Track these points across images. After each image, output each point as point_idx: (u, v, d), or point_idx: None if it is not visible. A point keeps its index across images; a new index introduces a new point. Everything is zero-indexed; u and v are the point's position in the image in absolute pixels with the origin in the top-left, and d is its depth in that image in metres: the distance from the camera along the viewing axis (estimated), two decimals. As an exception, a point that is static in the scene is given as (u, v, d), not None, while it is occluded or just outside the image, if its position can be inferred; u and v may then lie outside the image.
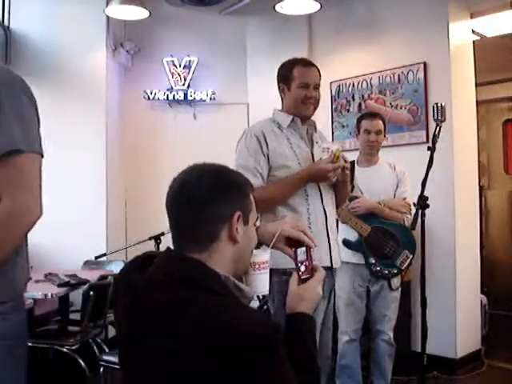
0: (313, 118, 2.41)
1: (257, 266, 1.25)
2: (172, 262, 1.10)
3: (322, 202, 2.28)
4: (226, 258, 1.12)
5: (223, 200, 1.11)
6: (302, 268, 1.28)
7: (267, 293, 1.30)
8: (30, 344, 3.20)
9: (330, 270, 2.20)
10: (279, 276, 2.00)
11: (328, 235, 2.25)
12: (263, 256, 1.27)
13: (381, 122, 3.15)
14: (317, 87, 2.33)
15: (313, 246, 1.33)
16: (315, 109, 2.35)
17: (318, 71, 2.36)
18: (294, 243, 1.34)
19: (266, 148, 2.22)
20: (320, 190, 2.28)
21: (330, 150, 2.22)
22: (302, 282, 1.27)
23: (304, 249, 1.30)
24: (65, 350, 3.21)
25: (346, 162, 2.24)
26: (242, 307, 1.06)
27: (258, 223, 1.31)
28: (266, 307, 2.30)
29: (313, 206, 2.24)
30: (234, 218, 1.10)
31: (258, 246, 1.29)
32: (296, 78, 2.30)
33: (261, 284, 1.26)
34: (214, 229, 1.10)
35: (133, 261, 1.22)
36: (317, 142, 2.37)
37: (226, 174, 1.17)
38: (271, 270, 1.31)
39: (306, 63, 2.35)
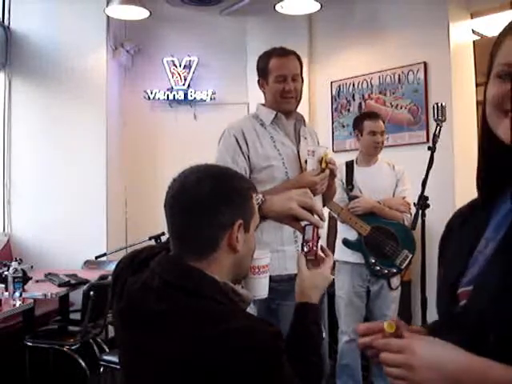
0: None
1: (257, 270, 1.22)
2: (169, 266, 1.07)
3: None
4: (226, 266, 1.08)
5: (225, 208, 1.06)
6: (305, 248, 1.24)
7: (266, 296, 1.28)
8: (30, 344, 3.23)
9: None
10: None
11: None
12: (263, 260, 1.24)
13: (382, 123, 3.16)
14: (296, 78, 2.18)
15: (320, 225, 1.28)
16: (298, 101, 2.21)
17: (298, 59, 2.21)
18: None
19: (246, 148, 2.09)
20: None
21: (314, 154, 2.07)
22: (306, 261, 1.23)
23: (312, 227, 1.25)
24: (65, 349, 3.22)
25: (334, 165, 2.10)
26: (241, 316, 1.03)
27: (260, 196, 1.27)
28: None
29: None
30: (235, 226, 1.06)
31: (263, 221, 1.23)
32: (272, 71, 2.16)
33: (260, 288, 1.24)
34: (214, 237, 1.06)
35: (127, 260, 1.20)
36: (305, 138, 2.25)
37: (229, 178, 1.12)
38: None
39: (282, 53, 2.20)
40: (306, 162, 2.13)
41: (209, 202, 1.05)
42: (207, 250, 1.06)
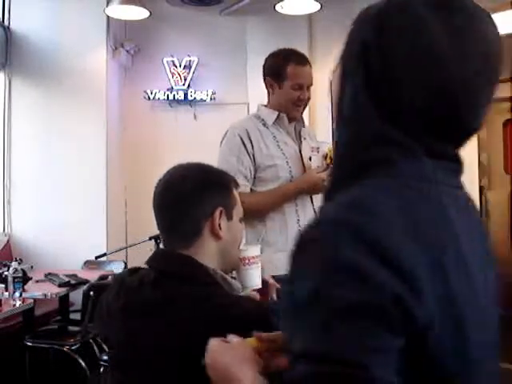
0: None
1: (247, 261, 1.27)
2: (161, 258, 1.15)
3: (312, 201, 2.17)
4: (211, 253, 1.14)
5: (204, 197, 1.13)
6: None
7: (259, 286, 1.31)
8: (29, 344, 3.23)
9: None
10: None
11: None
12: (252, 251, 1.29)
13: None
14: (309, 87, 2.19)
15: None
16: (304, 109, 2.23)
17: (310, 67, 2.22)
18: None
19: (251, 147, 2.09)
20: None
21: (319, 150, 2.11)
22: None
23: None
24: (65, 349, 3.22)
25: None
26: (234, 294, 1.12)
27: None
28: None
29: (302, 206, 2.12)
30: (216, 213, 1.12)
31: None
32: (290, 78, 2.13)
33: (251, 278, 1.28)
34: (197, 225, 1.13)
35: (124, 271, 1.27)
36: (305, 138, 2.26)
37: (209, 172, 1.21)
38: None
39: (301, 61, 2.18)
40: (310, 159, 2.16)
41: (191, 193, 1.13)
42: (192, 237, 1.13)
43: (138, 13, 4.29)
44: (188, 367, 0.97)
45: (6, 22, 4.54)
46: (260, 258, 1.30)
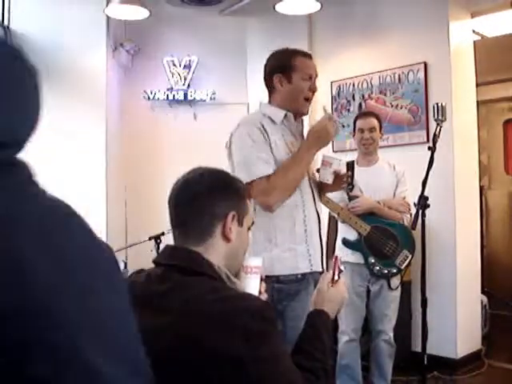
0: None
1: (248, 270, 1.32)
2: (170, 252, 1.19)
3: (315, 202, 2.18)
4: (220, 253, 1.20)
5: (220, 199, 1.19)
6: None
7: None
8: (29, 344, 3.22)
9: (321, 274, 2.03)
10: (271, 283, 1.88)
11: (320, 238, 2.17)
12: (255, 261, 1.34)
13: (374, 120, 3.14)
14: (315, 79, 2.18)
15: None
16: (309, 105, 2.22)
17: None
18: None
19: (269, 140, 2.06)
20: (312, 191, 2.17)
21: (331, 166, 2.15)
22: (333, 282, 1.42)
23: (335, 260, 1.50)
24: (65, 350, 3.21)
25: (349, 173, 2.25)
26: (237, 289, 1.17)
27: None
28: None
29: (308, 206, 2.13)
30: (229, 217, 1.18)
31: None
32: (300, 69, 2.11)
33: (250, 288, 1.31)
34: (210, 225, 1.19)
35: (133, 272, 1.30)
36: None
37: (226, 176, 1.27)
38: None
39: (306, 54, 2.21)
40: (317, 171, 2.20)
41: (207, 194, 1.19)
42: (204, 236, 1.19)
43: (138, 13, 4.28)
44: (197, 356, 1.01)
45: (6, 22, 4.54)
46: (261, 270, 1.35)
